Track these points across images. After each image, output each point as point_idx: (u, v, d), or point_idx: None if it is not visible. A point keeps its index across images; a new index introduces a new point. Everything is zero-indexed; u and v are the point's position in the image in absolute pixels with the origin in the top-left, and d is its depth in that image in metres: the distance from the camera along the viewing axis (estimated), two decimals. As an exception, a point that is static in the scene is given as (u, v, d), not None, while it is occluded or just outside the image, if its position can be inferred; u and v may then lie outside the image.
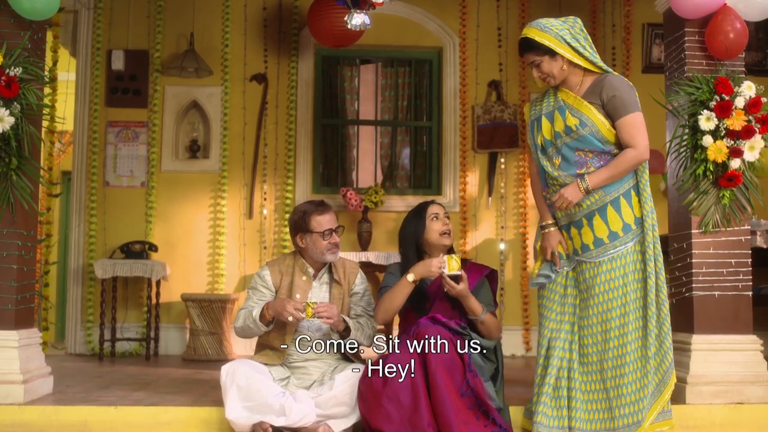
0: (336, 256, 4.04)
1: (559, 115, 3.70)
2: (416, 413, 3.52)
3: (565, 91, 3.73)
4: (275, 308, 3.83)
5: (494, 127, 7.14)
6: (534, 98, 3.99)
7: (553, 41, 3.62)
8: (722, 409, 4.09)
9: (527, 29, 3.71)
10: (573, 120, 3.64)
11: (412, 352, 3.63)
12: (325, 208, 4.02)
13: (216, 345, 6.48)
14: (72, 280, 7.00)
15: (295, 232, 4.04)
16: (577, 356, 3.69)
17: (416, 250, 4.03)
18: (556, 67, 3.67)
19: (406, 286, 3.89)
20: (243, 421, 3.70)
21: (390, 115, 7.54)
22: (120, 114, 7.09)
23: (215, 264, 7.02)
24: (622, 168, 3.57)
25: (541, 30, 3.65)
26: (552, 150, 3.73)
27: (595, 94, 3.65)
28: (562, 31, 3.63)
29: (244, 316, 3.95)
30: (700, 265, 4.25)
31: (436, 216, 4.00)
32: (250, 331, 3.98)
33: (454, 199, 7.17)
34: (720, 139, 4.14)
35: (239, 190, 7.10)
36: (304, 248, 4.03)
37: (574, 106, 3.67)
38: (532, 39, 3.66)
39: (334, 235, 3.99)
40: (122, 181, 7.06)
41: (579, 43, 3.64)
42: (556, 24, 3.66)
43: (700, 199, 4.23)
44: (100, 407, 3.97)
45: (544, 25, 3.66)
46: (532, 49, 3.68)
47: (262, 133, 7.12)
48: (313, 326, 3.98)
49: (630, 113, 3.59)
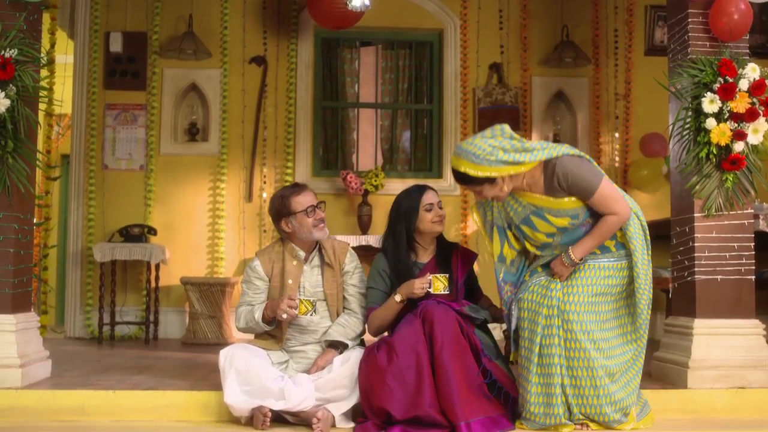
0: (325, 233, 3.99)
1: (539, 219, 3.58)
2: (419, 393, 3.51)
3: (525, 194, 3.59)
4: (272, 308, 3.84)
5: (495, 110, 7.11)
6: (481, 203, 3.80)
7: (490, 170, 3.42)
8: (723, 393, 4.06)
9: (457, 161, 3.50)
10: (563, 221, 3.54)
11: (418, 330, 3.62)
12: (301, 188, 4.00)
13: (215, 328, 6.46)
14: (71, 263, 6.97)
15: (279, 218, 3.99)
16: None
17: (407, 236, 3.94)
18: (499, 188, 3.51)
19: (395, 305, 3.85)
20: (242, 405, 3.68)
21: (390, 98, 7.49)
22: (118, 97, 7.04)
23: (215, 247, 6.99)
24: (608, 234, 3.49)
25: (474, 163, 3.42)
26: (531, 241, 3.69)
27: (554, 187, 3.50)
28: (495, 153, 3.41)
29: (246, 317, 3.95)
30: (703, 249, 4.22)
31: (430, 206, 3.89)
32: (254, 330, 4.00)
33: (455, 183, 7.06)
34: (723, 121, 4.09)
35: (239, 173, 7.06)
36: (291, 232, 3.98)
37: (552, 208, 3.53)
38: (464, 173, 3.47)
39: (317, 211, 3.94)
40: (121, 165, 7.02)
41: (516, 153, 3.43)
42: (485, 147, 3.43)
43: (703, 182, 4.19)
44: (97, 391, 3.94)
45: (475, 154, 3.42)
46: (469, 182, 3.52)
47: (262, 115, 7.07)
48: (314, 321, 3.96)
49: (596, 189, 3.45)
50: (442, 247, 4.03)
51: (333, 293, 4.00)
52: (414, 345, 3.60)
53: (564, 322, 3.50)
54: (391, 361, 3.58)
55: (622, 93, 7.30)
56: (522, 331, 3.63)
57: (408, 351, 3.59)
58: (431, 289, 3.75)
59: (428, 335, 3.61)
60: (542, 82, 7.27)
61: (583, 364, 3.48)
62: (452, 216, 7.06)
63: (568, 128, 7.38)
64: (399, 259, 3.92)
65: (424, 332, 3.62)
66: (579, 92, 7.30)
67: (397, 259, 3.92)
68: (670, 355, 4.33)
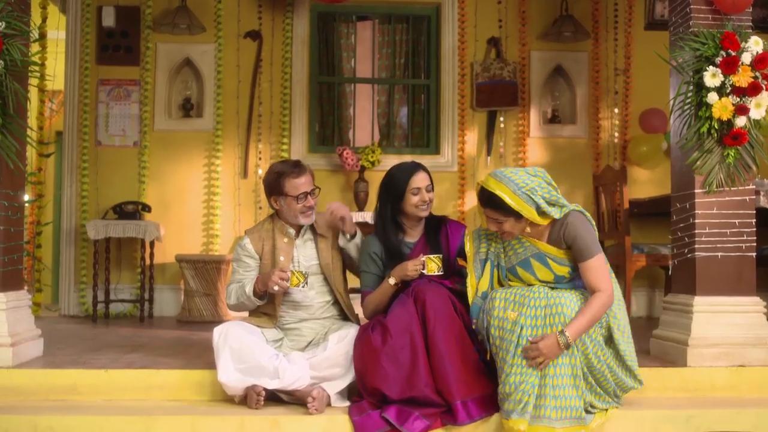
0: (311, 219, 3.94)
1: (540, 264, 3.51)
2: (414, 373, 3.48)
3: (530, 238, 3.52)
4: (263, 281, 3.79)
5: (493, 85, 7.02)
6: (479, 232, 3.73)
7: (524, 207, 3.36)
8: (723, 371, 4.03)
9: (497, 184, 3.39)
10: (563, 270, 3.50)
11: (411, 310, 3.58)
12: (300, 169, 3.90)
13: (211, 306, 6.41)
14: (65, 241, 6.92)
15: (269, 193, 3.95)
16: None
17: (392, 215, 3.88)
18: (519, 228, 3.46)
19: (389, 288, 3.80)
20: (236, 384, 3.64)
21: (387, 73, 7.40)
22: (111, 72, 6.94)
23: (210, 224, 6.93)
24: (599, 315, 3.36)
25: (514, 192, 3.35)
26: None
27: (558, 237, 3.47)
28: (534, 193, 3.37)
29: (237, 292, 3.90)
30: (703, 226, 4.16)
31: (417, 190, 3.80)
32: (245, 307, 3.96)
33: (452, 158, 7.06)
34: (725, 96, 4.02)
35: (234, 150, 6.98)
36: (279, 210, 3.94)
37: (556, 256, 3.49)
38: (500, 198, 3.36)
39: (309, 198, 3.88)
40: (114, 141, 6.94)
41: (547, 205, 3.40)
42: (529, 183, 3.38)
43: (704, 157, 4.13)
44: (90, 370, 3.89)
45: (517, 185, 3.36)
46: (497, 207, 3.40)
47: (257, 91, 6.99)
48: (309, 296, 3.92)
49: (594, 256, 3.42)
50: (431, 224, 3.96)
51: (329, 263, 3.96)
52: (407, 325, 3.56)
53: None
54: (385, 341, 3.55)
55: (621, 68, 7.21)
56: (493, 339, 3.50)
57: (402, 331, 3.55)
58: (425, 271, 3.70)
59: (421, 315, 3.57)
60: (541, 56, 7.17)
61: None
62: (450, 192, 7.01)
63: (566, 103, 7.30)
64: (387, 238, 3.87)
65: (417, 312, 3.58)
66: (578, 67, 7.20)
67: (385, 238, 3.87)
68: (670, 333, 4.28)
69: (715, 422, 3.63)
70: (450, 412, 3.45)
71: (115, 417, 3.52)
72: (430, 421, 3.44)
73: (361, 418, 3.47)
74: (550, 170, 7.07)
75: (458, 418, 3.42)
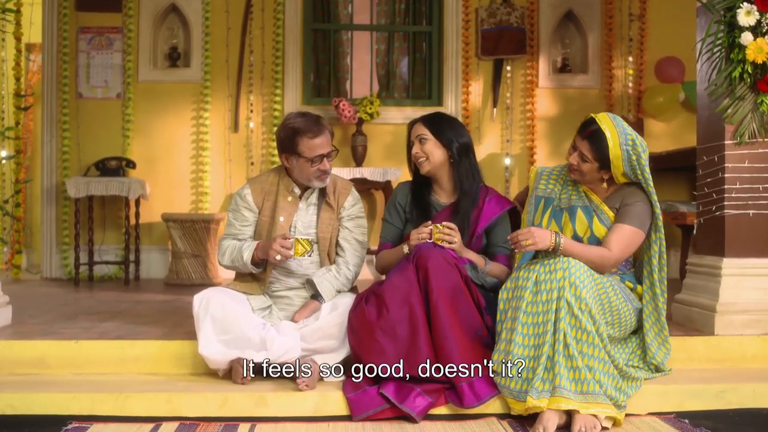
0: (324, 183, 3.57)
1: (584, 216, 3.41)
2: (414, 347, 3.11)
3: (587, 189, 3.46)
4: (263, 249, 3.44)
5: (499, 31, 6.68)
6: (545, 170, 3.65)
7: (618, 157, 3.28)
8: (754, 340, 3.70)
9: (610, 124, 3.30)
10: (602, 230, 3.37)
11: (411, 278, 3.20)
12: (319, 128, 3.49)
13: (200, 268, 6.07)
14: (45, 199, 6.59)
15: (281, 149, 3.56)
16: None
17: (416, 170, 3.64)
18: (593, 177, 3.38)
19: (403, 254, 3.46)
20: (218, 357, 3.31)
21: (386, 20, 7.06)
22: (92, 19, 6.57)
23: (198, 182, 6.57)
24: (593, 260, 3.22)
25: (619, 139, 3.27)
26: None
27: (614, 196, 3.41)
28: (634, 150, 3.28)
29: (232, 255, 3.55)
30: (734, 181, 3.81)
31: (412, 144, 3.57)
32: (239, 270, 3.62)
33: (456, 111, 6.70)
34: (761, 36, 3.67)
35: (223, 102, 6.61)
36: (289, 168, 3.56)
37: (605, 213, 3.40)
38: (605, 138, 3.27)
39: (324, 162, 3.50)
40: (96, 93, 6.57)
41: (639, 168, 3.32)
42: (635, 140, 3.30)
43: (735, 105, 3.76)
44: (59, 341, 3.54)
45: (626, 135, 3.28)
46: (594, 143, 3.29)
47: (248, 39, 6.63)
48: (303, 264, 3.57)
49: (630, 225, 3.31)
50: (467, 189, 3.55)
51: (327, 237, 3.59)
52: (406, 295, 3.18)
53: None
54: (380, 314, 3.17)
55: (636, 13, 6.84)
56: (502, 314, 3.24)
57: (400, 303, 3.17)
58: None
59: (423, 284, 3.19)
60: (551, 1, 6.78)
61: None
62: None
63: (578, 52, 6.95)
64: (414, 193, 3.63)
65: (419, 280, 3.20)
66: (590, 12, 6.82)
67: (414, 187, 3.65)
68: (695, 298, 3.94)
69: (749, 397, 3.29)
70: (454, 390, 3.10)
71: (84, 394, 3.16)
72: (433, 398, 3.08)
73: (356, 395, 3.13)
74: (560, 122, 6.78)
75: (465, 400, 3.06)
